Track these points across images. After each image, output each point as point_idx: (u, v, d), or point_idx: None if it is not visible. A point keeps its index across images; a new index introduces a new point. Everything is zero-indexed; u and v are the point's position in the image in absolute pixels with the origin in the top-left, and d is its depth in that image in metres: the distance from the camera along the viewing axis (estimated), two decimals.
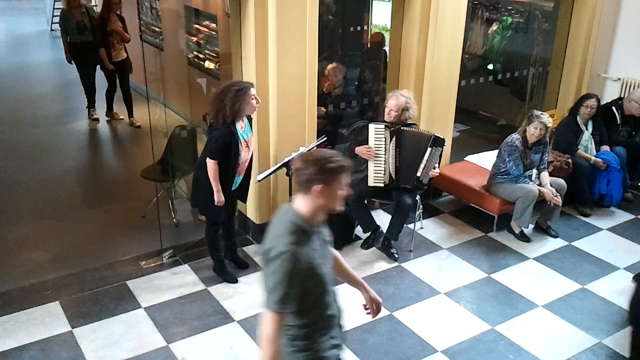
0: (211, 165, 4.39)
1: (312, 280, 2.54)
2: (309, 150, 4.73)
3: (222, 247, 4.98)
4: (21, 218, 5.89)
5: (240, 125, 4.44)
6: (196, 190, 4.69)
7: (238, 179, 4.62)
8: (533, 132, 5.41)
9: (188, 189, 6.31)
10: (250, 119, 4.60)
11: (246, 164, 4.59)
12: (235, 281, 4.89)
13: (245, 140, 4.47)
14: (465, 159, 6.49)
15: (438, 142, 5.08)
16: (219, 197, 4.48)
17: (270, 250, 2.53)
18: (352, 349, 4.18)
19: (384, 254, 5.35)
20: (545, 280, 5.06)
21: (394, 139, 5.13)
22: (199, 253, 5.28)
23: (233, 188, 4.63)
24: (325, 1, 6.91)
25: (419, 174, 5.11)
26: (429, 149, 5.07)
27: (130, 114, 8.33)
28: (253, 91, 4.38)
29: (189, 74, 8.07)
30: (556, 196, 5.43)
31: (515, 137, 5.52)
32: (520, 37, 8.03)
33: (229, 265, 5.01)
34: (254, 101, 4.38)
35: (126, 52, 8.09)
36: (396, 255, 5.28)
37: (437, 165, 5.15)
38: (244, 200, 4.96)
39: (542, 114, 5.44)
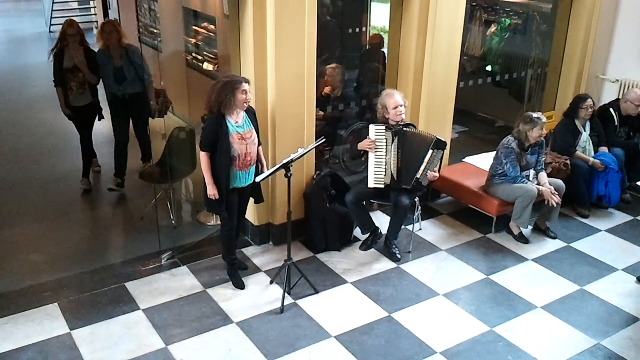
0: (202, 156, 4.48)
1: None
2: (307, 152, 4.74)
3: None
4: (20, 220, 5.88)
5: (234, 120, 4.46)
6: (204, 188, 4.67)
7: (241, 174, 4.58)
8: (538, 134, 5.41)
9: (187, 191, 6.32)
10: (250, 115, 4.59)
11: (248, 159, 4.55)
12: (243, 287, 4.86)
13: (239, 133, 4.47)
14: (463, 160, 6.49)
15: (440, 145, 5.09)
16: (210, 190, 4.50)
17: None
18: (351, 351, 4.18)
19: (382, 255, 5.35)
20: (544, 281, 5.07)
21: (396, 139, 5.14)
22: (197, 255, 5.28)
23: (239, 185, 4.60)
24: (323, 2, 6.91)
25: (418, 176, 5.12)
26: (430, 151, 5.08)
27: (86, 174, 6.56)
28: (245, 86, 4.38)
29: (187, 76, 8.07)
30: (554, 194, 5.43)
31: (511, 139, 5.53)
32: (518, 39, 8.04)
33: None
34: (242, 95, 4.37)
35: (94, 95, 6.25)
36: (398, 256, 5.29)
37: (436, 168, 5.16)
38: (257, 201, 4.94)
39: (539, 114, 5.44)
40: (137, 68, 6.06)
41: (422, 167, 5.10)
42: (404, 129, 5.16)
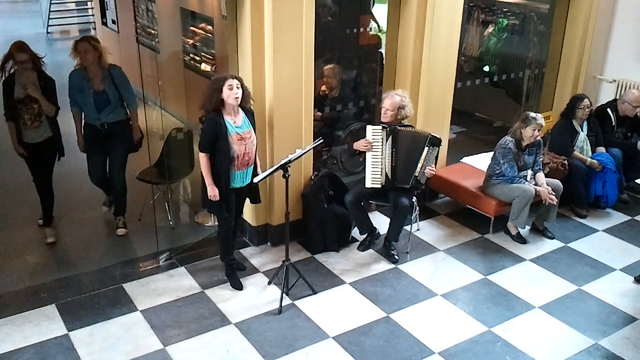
0: (201, 157, 4.47)
1: None
2: (305, 153, 4.74)
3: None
4: (18, 221, 5.86)
5: (233, 120, 4.45)
6: (202, 188, 4.67)
7: (240, 174, 4.58)
8: (531, 134, 5.43)
9: (184, 192, 6.31)
10: (248, 114, 4.58)
11: (246, 159, 4.55)
12: (241, 288, 4.86)
13: (238, 134, 4.46)
14: (461, 160, 6.49)
15: (435, 141, 5.10)
16: (211, 191, 4.50)
17: None
18: (349, 351, 4.18)
19: (380, 256, 5.35)
20: (542, 281, 5.07)
21: (389, 138, 5.14)
22: (195, 255, 5.28)
23: (236, 185, 4.60)
24: (322, 3, 6.91)
25: (416, 174, 5.12)
26: (425, 149, 5.08)
27: (47, 221, 5.48)
28: (230, 81, 4.35)
29: (185, 77, 8.07)
30: (552, 194, 5.44)
31: (508, 139, 5.54)
32: (515, 39, 8.05)
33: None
34: (229, 91, 4.34)
35: (55, 128, 5.20)
36: (396, 257, 5.29)
37: (433, 165, 5.16)
38: (253, 201, 4.93)
39: (536, 115, 5.46)
40: (121, 92, 5.23)
41: (419, 166, 5.10)
42: (398, 127, 5.16)
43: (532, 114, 5.46)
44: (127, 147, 5.47)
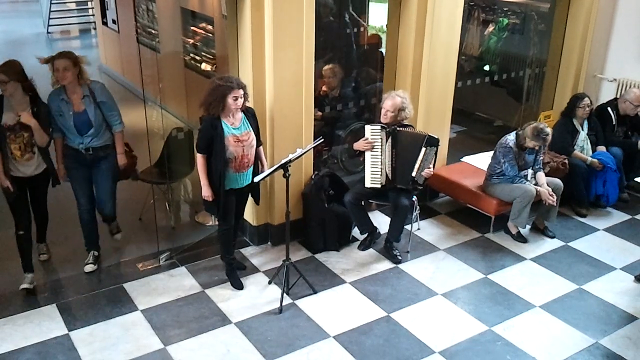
0: (198, 158, 4.49)
1: None
2: (305, 152, 4.74)
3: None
4: None
5: (230, 122, 4.45)
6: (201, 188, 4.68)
7: (239, 176, 4.58)
8: (532, 145, 5.43)
9: (185, 191, 6.31)
10: (249, 116, 4.58)
11: (245, 160, 4.54)
12: (241, 287, 4.86)
13: (235, 136, 4.45)
14: (461, 160, 6.49)
15: (432, 141, 5.10)
16: (205, 191, 4.51)
17: None
18: (350, 351, 4.19)
19: (381, 255, 5.35)
20: (542, 280, 5.07)
21: (389, 139, 5.14)
22: (196, 255, 5.28)
23: (235, 186, 4.60)
24: (322, 3, 6.91)
25: (413, 174, 5.12)
26: (423, 149, 5.08)
27: (41, 238, 5.18)
28: (236, 92, 4.33)
29: (185, 76, 8.07)
30: (551, 195, 5.44)
31: (509, 138, 5.53)
32: (516, 38, 8.04)
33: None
34: (233, 101, 4.33)
35: (47, 159, 4.68)
36: (399, 257, 5.29)
37: (431, 165, 5.16)
38: (256, 201, 4.93)
39: (547, 136, 5.38)
40: (104, 111, 4.71)
41: (417, 166, 5.10)
42: (398, 128, 5.16)
43: (546, 134, 5.35)
44: (114, 176, 4.98)
